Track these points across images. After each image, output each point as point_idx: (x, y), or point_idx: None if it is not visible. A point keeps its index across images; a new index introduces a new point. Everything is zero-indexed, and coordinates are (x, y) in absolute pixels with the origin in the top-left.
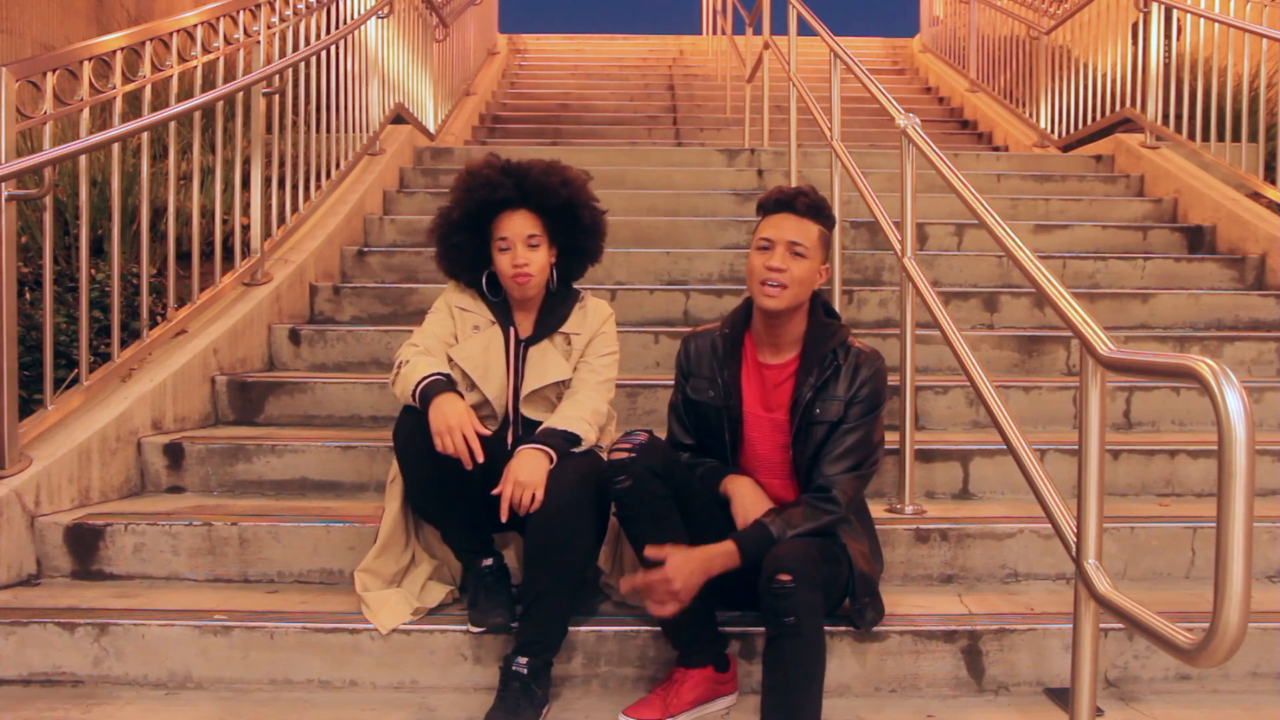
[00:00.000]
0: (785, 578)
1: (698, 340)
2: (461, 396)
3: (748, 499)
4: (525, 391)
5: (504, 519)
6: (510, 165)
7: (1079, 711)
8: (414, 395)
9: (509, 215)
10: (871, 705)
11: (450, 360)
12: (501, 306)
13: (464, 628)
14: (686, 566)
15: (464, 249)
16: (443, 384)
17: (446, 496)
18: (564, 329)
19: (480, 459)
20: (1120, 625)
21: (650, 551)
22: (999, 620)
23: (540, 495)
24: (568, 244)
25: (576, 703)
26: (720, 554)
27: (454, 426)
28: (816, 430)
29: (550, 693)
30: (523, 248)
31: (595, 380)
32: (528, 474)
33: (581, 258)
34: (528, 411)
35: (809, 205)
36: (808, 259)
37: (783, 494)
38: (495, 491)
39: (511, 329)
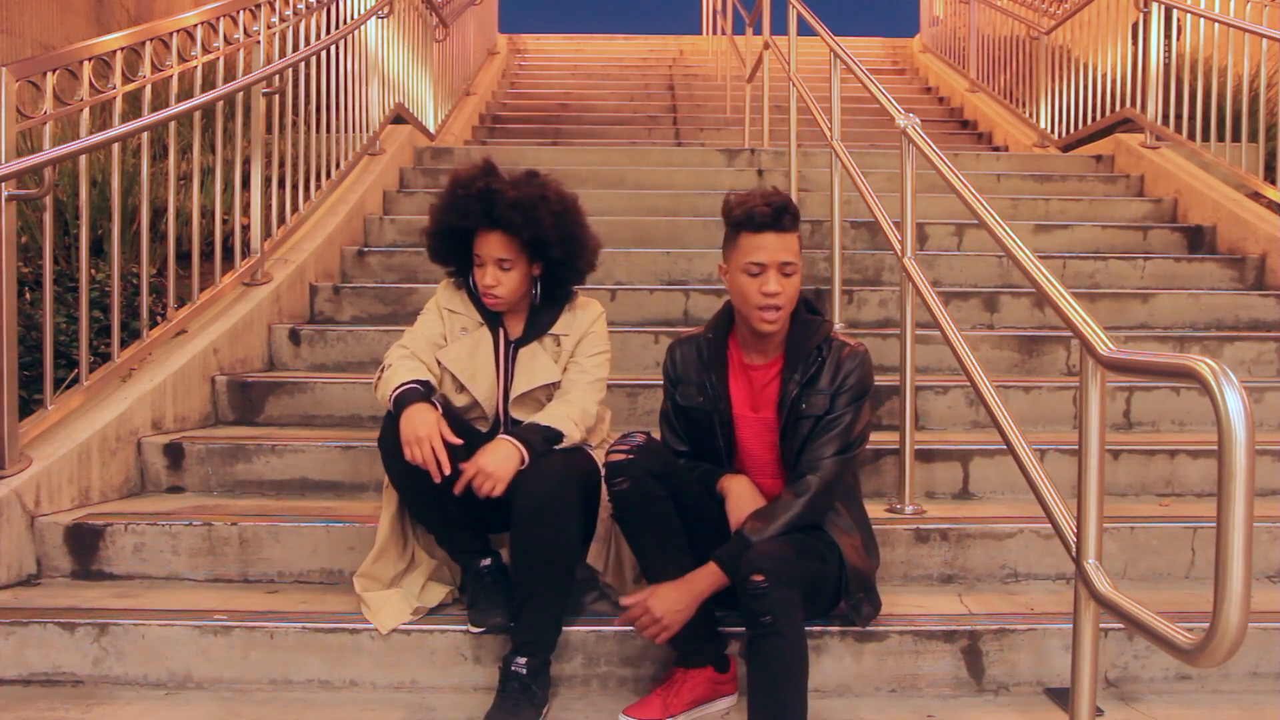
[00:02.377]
0: (758, 578)
1: (683, 347)
2: (436, 406)
3: (742, 498)
4: (514, 395)
5: (457, 492)
6: (486, 190)
7: (1079, 711)
8: (389, 402)
9: (484, 235)
10: (871, 705)
11: (439, 363)
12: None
13: (464, 628)
14: (669, 599)
15: (448, 254)
16: (418, 393)
17: (435, 500)
18: (553, 330)
19: (447, 471)
20: (1120, 625)
21: (624, 600)
22: (999, 620)
23: (500, 488)
24: (546, 266)
25: (576, 703)
26: (705, 577)
27: (422, 438)
28: (803, 425)
29: (550, 693)
30: (494, 268)
31: (585, 380)
32: (495, 465)
33: (558, 281)
34: (518, 413)
35: (794, 219)
36: (797, 272)
37: (777, 492)
38: (461, 466)
39: (501, 331)
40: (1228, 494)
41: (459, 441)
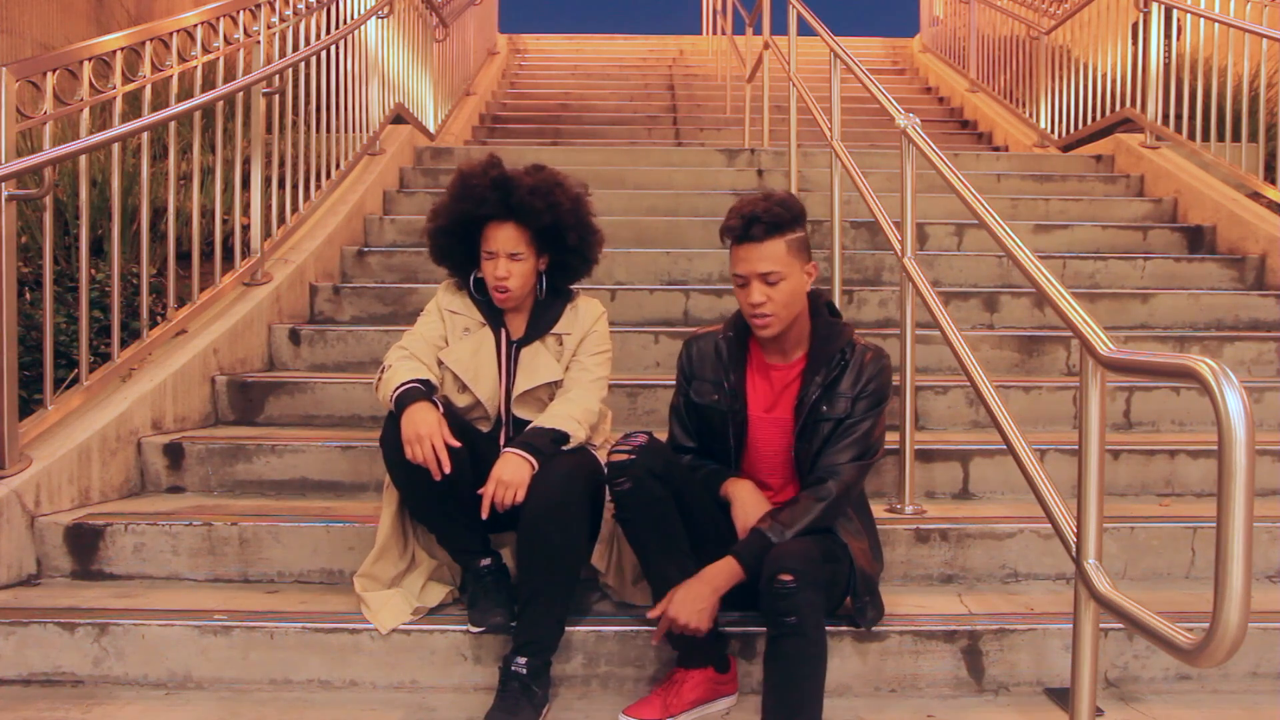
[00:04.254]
0: (787, 578)
1: (700, 343)
2: (437, 406)
3: (748, 502)
4: (516, 393)
5: (484, 515)
6: (500, 178)
7: (1079, 711)
8: (391, 401)
9: (496, 226)
10: (872, 705)
11: (441, 363)
12: (492, 308)
13: (464, 628)
14: (691, 599)
15: (452, 251)
16: (419, 392)
17: (437, 500)
18: (555, 329)
19: (447, 469)
20: (1120, 625)
21: (650, 614)
22: (999, 620)
23: (522, 494)
24: (556, 257)
25: (576, 703)
26: (723, 572)
27: (423, 436)
28: (823, 427)
29: (550, 693)
30: (505, 260)
31: (587, 379)
32: (510, 474)
33: (568, 272)
34: (520, 412)
35: (766, 228)
36: (786, 279)
37: (785, 494)
38: (480, 491)
39: (503, 330)
40: (1228, 494)
41: (458, 444)
